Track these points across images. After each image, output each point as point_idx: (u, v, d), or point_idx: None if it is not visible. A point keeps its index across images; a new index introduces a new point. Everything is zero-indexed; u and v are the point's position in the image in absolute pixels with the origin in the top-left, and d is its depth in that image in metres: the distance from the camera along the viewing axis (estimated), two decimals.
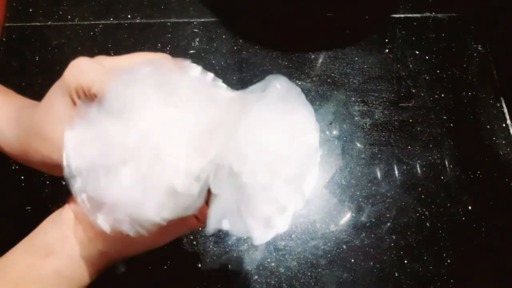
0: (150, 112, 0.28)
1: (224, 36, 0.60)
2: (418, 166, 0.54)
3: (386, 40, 0.61)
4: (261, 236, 0.30)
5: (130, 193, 0.27)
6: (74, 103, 0.31)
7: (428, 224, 0.51)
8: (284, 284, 0.48)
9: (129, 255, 0.33)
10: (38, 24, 0.60)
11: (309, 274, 0.48)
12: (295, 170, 0.31)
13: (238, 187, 0.29)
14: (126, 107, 0.28)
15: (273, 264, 0.48)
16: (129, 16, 0.60)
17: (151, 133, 0.28)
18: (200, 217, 0.33)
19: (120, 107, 0.28)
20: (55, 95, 0.31)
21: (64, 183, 0.35)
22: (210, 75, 0.32)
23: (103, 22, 0.60)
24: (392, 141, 0.55)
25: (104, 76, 0.30)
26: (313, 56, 0.59)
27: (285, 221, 0.30)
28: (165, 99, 0.29)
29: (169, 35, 0.60)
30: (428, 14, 0.63)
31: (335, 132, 0.55)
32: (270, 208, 0.30)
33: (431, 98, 0.57)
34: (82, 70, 0.31)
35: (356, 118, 0.56)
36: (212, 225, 0.30)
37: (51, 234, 0.32)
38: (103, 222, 0.28)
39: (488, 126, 0.57)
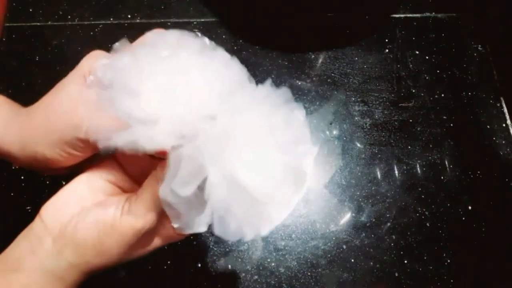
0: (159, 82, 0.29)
1: (224, 36, 0.60)
2: (418, 166, 0.54)
3: (386, 40, 0.61)
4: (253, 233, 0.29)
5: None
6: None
7: (428, 224, 0.51)
8: (284, 284, 0.48)
9: (102, 267, 0.32)
10: (38, 24, 0.60)
11: (309, 274, 0.48)
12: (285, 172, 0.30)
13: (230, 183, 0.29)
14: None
15: (273, 264, 0.48)
16: (129, 16, 0.60)
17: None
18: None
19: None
20: (69, 78, 0.33)
21: (64, 183, 0.35)
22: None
23: (103, 22, 0.60)
24: (392, 141, 0.55)
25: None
26: (313, 56, 0.59)
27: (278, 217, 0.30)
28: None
29: None
30: (428, 14, 0.63)
31: (335, 132, 0.55)
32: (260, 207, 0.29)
33: (431, 98, 0.57)
34: (97, 55, 0.33)
35: (356, 118, 0.56)
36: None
37: (20, 249, 0.31)
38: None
39: (488, 126, 0.57)
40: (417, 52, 0.60)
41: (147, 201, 0.30)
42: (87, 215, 0.30)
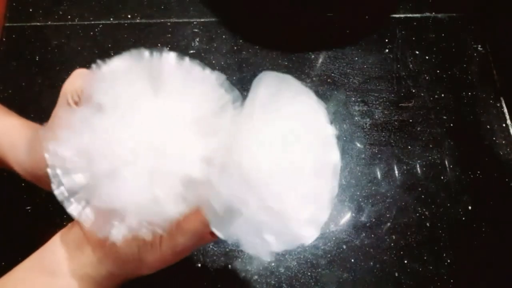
0: (142, 106, 0.27)
1: (224, 36, 0.60)
2: (418, 166, 0.54)
3: (386, 40, 0.61)
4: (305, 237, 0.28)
5: (140, 194, 0.26)
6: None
7: (428, 224, 0.51)
8: (284, 284, 0.48)
9: (141, 275, 0.33)
10: (38, 24, 0.60)
11: (309, 274, 0.48)
12: (316, 162, 0.29)
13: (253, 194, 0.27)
14: (116, 104, 0.27)
15: (273, 264, 0.48)
16: (129, 16, 0.60)
17: (148, 127, 0.27)
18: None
19: (110, 104, 0.27)
20: (58, 103, 0.32)
21: None
22: (186, 60, 0.30)
23: (103, 22, 0.60)
24: (392, 141, 0.55)
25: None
26: (313, 56, 0.59)
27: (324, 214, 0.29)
28: (154, 90, 0.28)
29: (169, 35, 0.59)
30: (428, 14, 0.63)
31: (335, 132, 0.55)
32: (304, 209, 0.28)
33: (431, 98, 0.57)
34: (76, 75, 0.32)
35: (356, 118, 0.56)
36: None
37: (58, 253, 0.31)
38: (117, 233, 0.27)
39: (488, 126, 0.57)
40: (417, 52, 0.60)
41: (189, 232, 0.30)
42: None
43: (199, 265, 0.48)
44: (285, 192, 0.28)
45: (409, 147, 0.55)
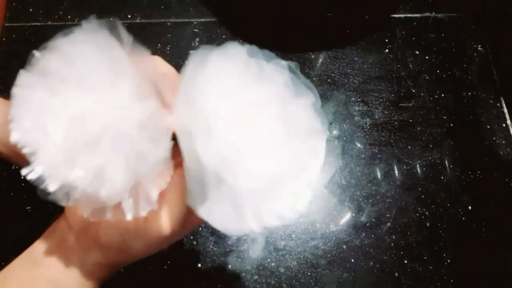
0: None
1: (224, 36, 0.60)
2: (418, 166, 0.54)
3: (386, 40, 0.61)
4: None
5: (81, 168, 0.26)
6: None
7: (428, 224, 0.51)
8: (284, 284, 0.48)
9: (131, 262, 0.32)
10: (38, 24, 0.60)
11: (309, 274, 0.48)
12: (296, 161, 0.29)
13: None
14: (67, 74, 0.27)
15: (273, 264, 0.48)
16: (129, 16, 0.60)
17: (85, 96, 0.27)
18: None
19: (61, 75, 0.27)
20: None
21: None
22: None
23: None
24: (392, 141, 0.55)
25: None
26: (313, 56, 0.59)
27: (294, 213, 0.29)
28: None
29: (169, 35, 0.59)
30: (428, 14, 0.63)
31: (335, 132, 0.55)
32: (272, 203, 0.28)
33: (431, 98, 0.57)
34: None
35: (356, 118, 0.56)
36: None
37: (45, 244, 0.32)
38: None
39: (488, 126, 0.57)
40: (417, 52, 0.60)
41: (175, 212, 0.29)
42: (108, 220, 0.30)
43: (199, 265, 0.48)
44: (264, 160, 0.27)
45: (409, 147, 0.55)
